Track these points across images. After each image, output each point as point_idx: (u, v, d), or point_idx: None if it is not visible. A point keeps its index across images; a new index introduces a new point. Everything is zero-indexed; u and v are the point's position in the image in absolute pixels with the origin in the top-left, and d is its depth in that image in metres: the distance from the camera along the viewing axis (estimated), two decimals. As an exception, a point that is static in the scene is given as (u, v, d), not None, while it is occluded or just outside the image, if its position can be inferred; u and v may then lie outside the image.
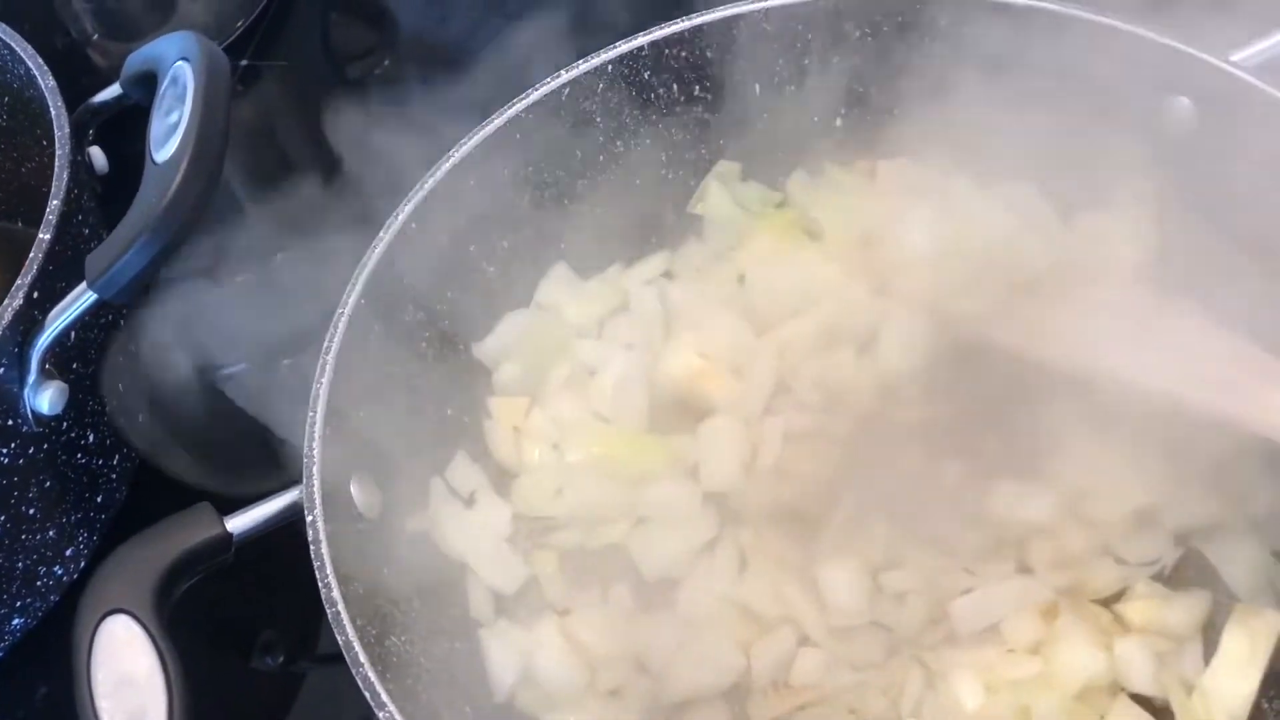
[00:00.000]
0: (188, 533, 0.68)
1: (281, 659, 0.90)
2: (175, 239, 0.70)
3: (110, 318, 0.85)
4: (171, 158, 0.69)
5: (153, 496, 0.89)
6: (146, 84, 0.77)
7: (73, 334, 0.75)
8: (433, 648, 0.73)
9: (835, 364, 0.85)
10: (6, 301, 0.71)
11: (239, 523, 0.70)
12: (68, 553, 0.84)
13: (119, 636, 0.62)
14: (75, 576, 0.85)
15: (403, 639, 0.70)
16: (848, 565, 0.77)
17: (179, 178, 0.68)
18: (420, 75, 1.20)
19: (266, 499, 0.71)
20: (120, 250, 0.69)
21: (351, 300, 0.77)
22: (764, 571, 0.78)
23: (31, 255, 0.73)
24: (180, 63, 0.73)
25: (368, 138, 0.98)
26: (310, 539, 0.67)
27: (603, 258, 0.94)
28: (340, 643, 0.63)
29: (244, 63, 1.23)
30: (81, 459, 0.82)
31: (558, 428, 0.86)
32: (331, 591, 0.65)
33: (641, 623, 0.77)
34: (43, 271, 0.73)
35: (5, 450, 0.74)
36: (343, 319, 0.76)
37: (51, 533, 0.81)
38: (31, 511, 0.78)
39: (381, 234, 0.80)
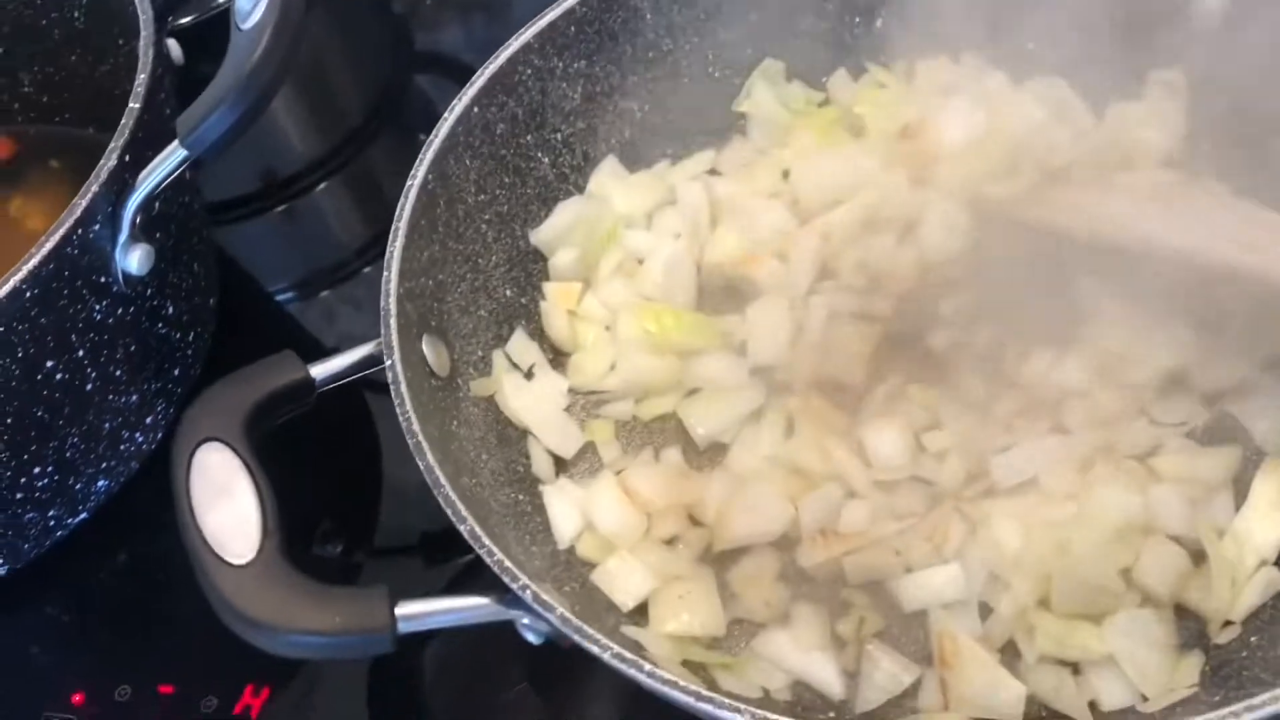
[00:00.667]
0: (274, 375, 0.72)
1: (340, 549, 0.93)
2: (260, 98, 0.74)
3: (188, 199, 0.89)
4: (257, 23, 0.73)
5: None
6: None
7: (157, 204, 0.80)
8: (499, 495, 0.77)
9: (877, 248, 0.89)
10: (101, 162, 0.75)
11: (321, 369, 0.74)
12: (147, 420, 0.88)
13: (213, 461, 0.66)
14: (154, 446, 0.89)
15: (472, 482, 0.74)
16: (891, 426, 0.81)
17: (265, 40, 0.72)
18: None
19: (346, 350, 0.75)
20: (210, 108, 0.74)
21: (420, 173, 0.81)
22: (810, 434, 0.82)
23: (123, 122, 0.77)
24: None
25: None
26: (390, 380, 0.71)
27: (651, 153, 0.97)
28: (421, 467, 0.67)
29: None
30: (161, 329, 0.86)
31: (609, 310, 0.90)
32: (411, 424, 0.69)
33: (693, 478, 0.81)
34: (133, 137, 0.77)
35: (98, 306, 0.78)
36: (412, 189, 0.80)
37: (134, 398, 0.85)
38: (118, 373, 0.82)
39: (445, 115, 0.84)
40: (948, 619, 0.74)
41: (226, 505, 0.65)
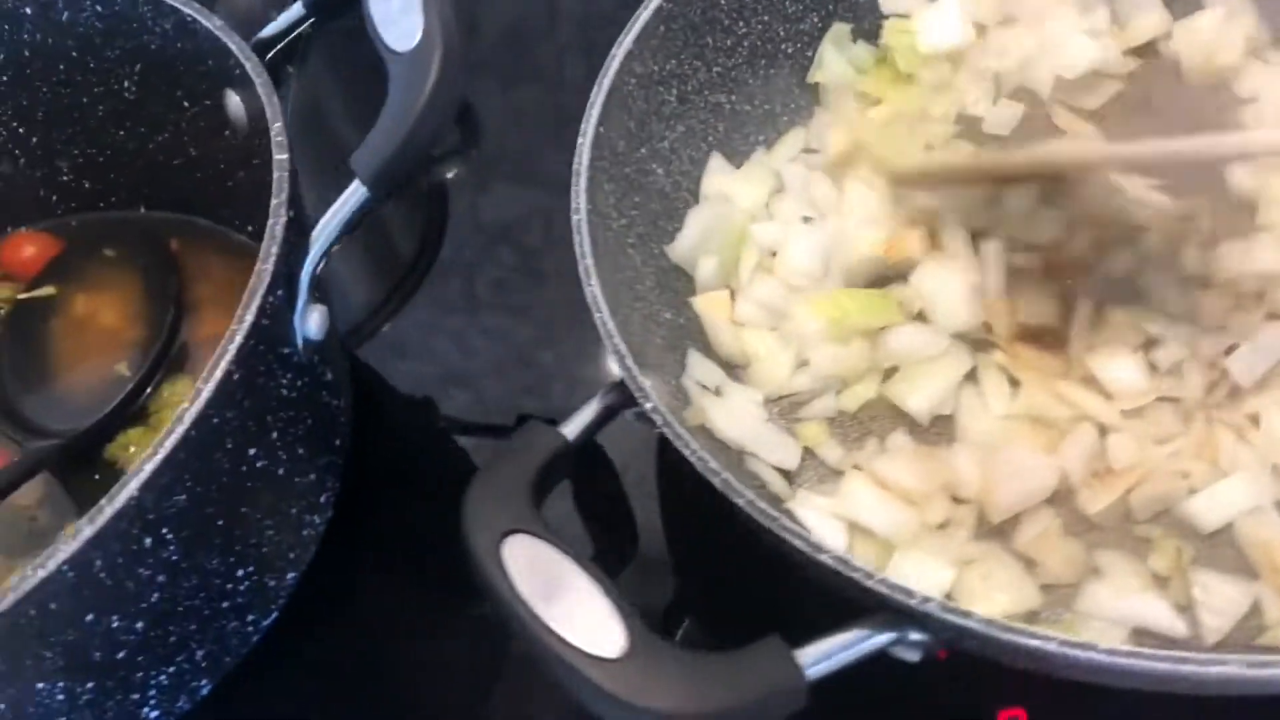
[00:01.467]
0: (536, 448, 0.64)
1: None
2: (441, 125, 0.67)
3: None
4: (419, 46, 0.67)
5: (380, 442, 0.88)
6: None
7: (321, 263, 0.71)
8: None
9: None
10: (270, 221, 0.66)
11: (571, 428, 0.66)
12: (322, 500, 0.79)
13: (521, 554, 0.58)
14: (325, 527, 0.80)
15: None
16: (1119, 352, 0.78)
17: (437, 61, 0.65)
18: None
19: (583, 406, 0.68)
20: (391, 143, 0.66)
21: (581, 205, 0.75)
22: (1036, 383, 0.78)
23: (276, 175, 0.68)
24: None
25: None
26: (661, 424, 0.65)
27: (746, 144, 0.93)
28: (742, 503, 0.61)
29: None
30: (327, 397, 0.77)
31: (767, 310, 0.85)
32: (707, 462, 0.62)
33: (939, 456, 0.77)
34: (291, 188, 0.68)
35: (285, 380, 0.70)
36: (581, 223, 0.74)
37: (312, 475, 0.76)
38: (301, 451, 0.74)
39: (580, 141, 0.78)
40: (1256, 527, 0.71)
41: (564, 598, 0.57)
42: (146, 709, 0.72)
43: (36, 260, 0.92)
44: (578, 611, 0.56)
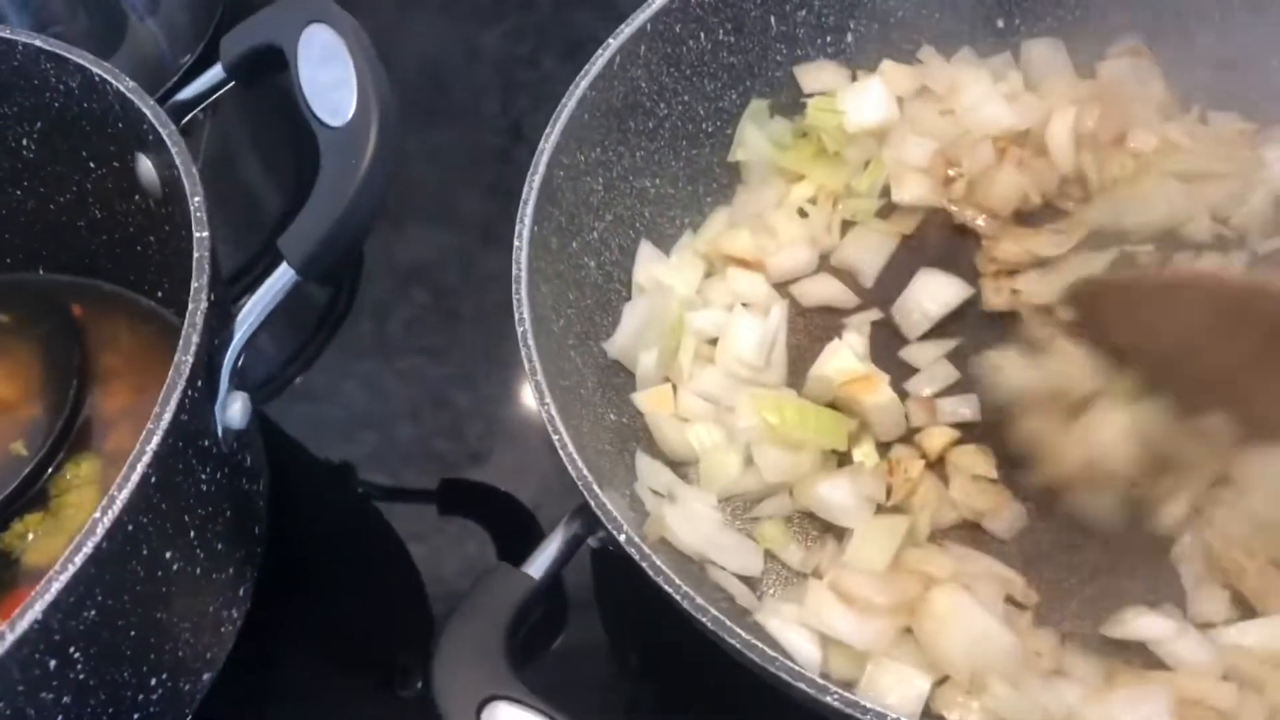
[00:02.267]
0: (502, 597, 0.60)
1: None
2: (377, 204, 0.62)
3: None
4: (354, 119, 0.63)
5: (294, 515, 0.82)
6: (260, 61, 0.71)
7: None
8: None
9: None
10: (191, 305, 0.61)
11: (536, 567, 0.62)
12: (240, 592, 0.73)
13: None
14: (242, 621, 0.74)
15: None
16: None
17: (373, 138, 0.61)
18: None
19: (545, 541, 0.64)
20: (324, 225, 0.62)
21: (525, 315, 0.70)
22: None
23: (197, 255, 0.63)
24: (313, 25, 0.66)
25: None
26: (638, 556, 0.61)
27: (673, 227, 0.90)
28: (706, 621, 0.58)
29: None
30: (246, 484, 0.72)
31: (709, 402, 0.82)
32: (670, 577, 0.59)
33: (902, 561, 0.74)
34: (213, 271, 0.62)
35: (204, 475, 0.64)
36: (526, 334, 0.69)
37: (230, 570, 0.70)
38: (220, 546, 0.68)
39: (516, 243, 0.74)
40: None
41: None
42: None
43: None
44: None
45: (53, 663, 0.57)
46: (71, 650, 0.58)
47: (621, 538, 0.61)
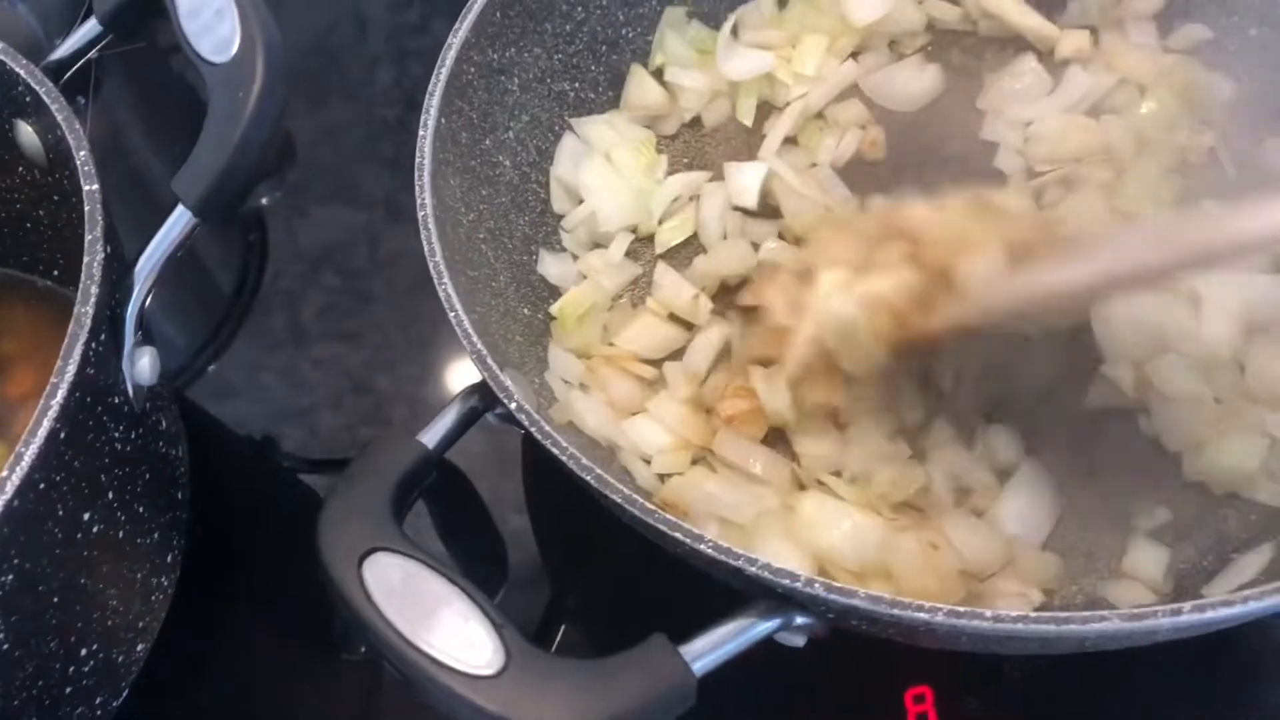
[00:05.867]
0: (394, 459, 0.61)
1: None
2: (270, 136, 0.62)
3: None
4: (239, 52, 0.62)
5: (220, 490, 0.81)
6: (135, 8, 0.71)
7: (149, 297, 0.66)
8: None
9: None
10: (85, 258, 0.61)
11: (431, 435, 0.63)
12: (168, 559, 0.73)
13: (384, 573, 0.55)
14: (174, 589, 0.74)
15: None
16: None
17: (260, 68, 0.61)
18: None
19: (442, 413, 0.65)
20: (218, 161, 0.62)
21: (426, 200, 0.71)
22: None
23: (88, 208, 0.63)
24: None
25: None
26: (528, 422, 0.62)
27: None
28: (620, 500, 0.58)
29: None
30: (163, 447, 0.71)
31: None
32: (559, 443, 0.60)
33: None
34: (106, 220, 0.62)
35: (118, 434, 0.64)
36: (427, 219, 0.70)
37: (156, 535, 0.70)
38: (141, 509, 0.67)
39: (421, 133, 0.74)
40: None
41: (432, 616, 0.53)
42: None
43: None
44: (449, 629, 0.53)
45: (-31, 633, 0.57)
46: (-10, 619, 0.57)
47: (513, 405, 0.62)
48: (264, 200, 1.02)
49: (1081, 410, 0.75)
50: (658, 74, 0.91)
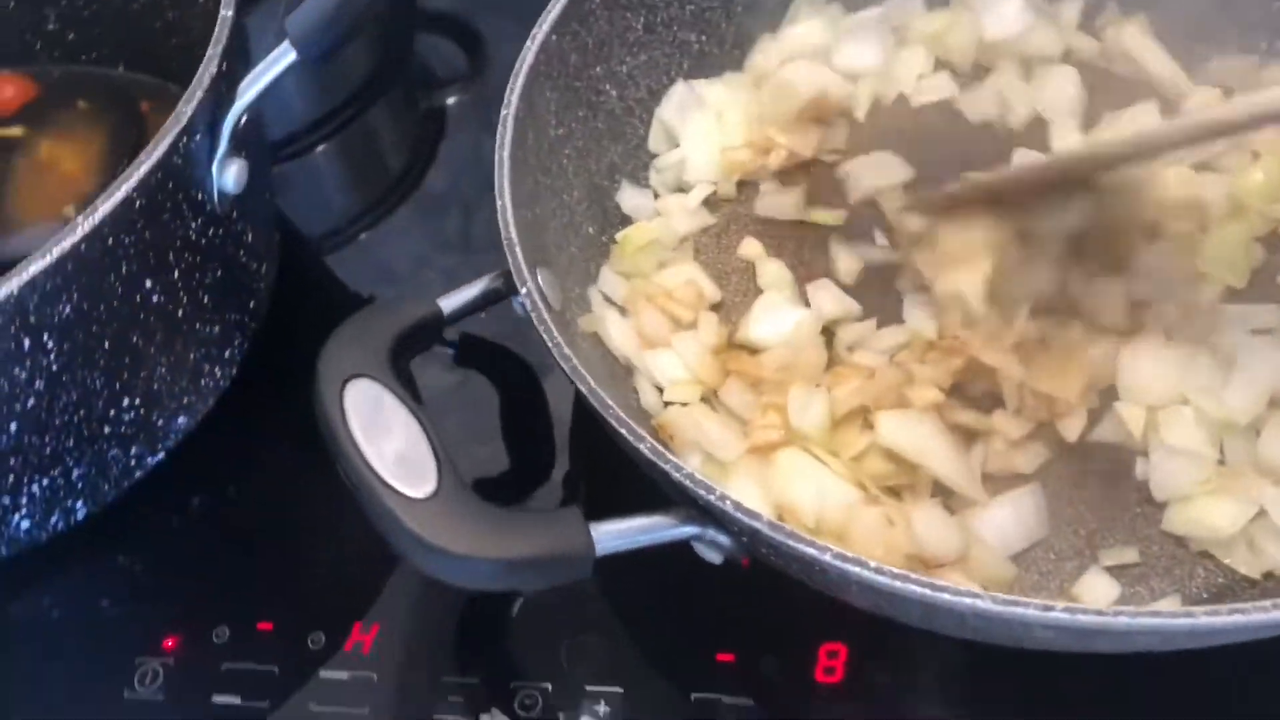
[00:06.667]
0: (405, 310, 0.68)
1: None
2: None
3: (262, 120, 0.84)
4: None
5: (292, 314, 0.90)
6: None
7: (245, 118, 0.75)
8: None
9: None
10: (201, 69, 0.70)
11: (448, 303, 0.70)
12: (225, 355, 0.82)
13: (364, 397, 0.62)
14: (228, 384, 0.83)
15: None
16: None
17: None
18: None
19: (468, 285, 0.71)
20: (326, 10, 0.70)
21: (513, 101, 0.77)
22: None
23: (216, 30, 0.72)
24: None
25: None
26: (530, 308, 0.68)
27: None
28: (585, 390, 0.64)
29: None
30: (244, 257, 0.81)
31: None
32: (562, 349, 0.65)
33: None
34: (229, 44, 0.72)
35: (195, 225, 0.73)
36: (508, 118, 0.77)
37: (217, 328, 0.79)
38: (206, 299, 0.77)
39: (528, 43, 0.81)
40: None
41: (389, 440, 0.60)
42: (18, 515, 0.75)
43: (12, 102, 0.96)
44: (399, 453, 0.60)
45: (26, 341, 0.65)
46: (44, 337, 0.66)
47: (523, 290, 0.68)
48: (449, 100, 1.11)
49: (1085, 440, 0.76)
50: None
